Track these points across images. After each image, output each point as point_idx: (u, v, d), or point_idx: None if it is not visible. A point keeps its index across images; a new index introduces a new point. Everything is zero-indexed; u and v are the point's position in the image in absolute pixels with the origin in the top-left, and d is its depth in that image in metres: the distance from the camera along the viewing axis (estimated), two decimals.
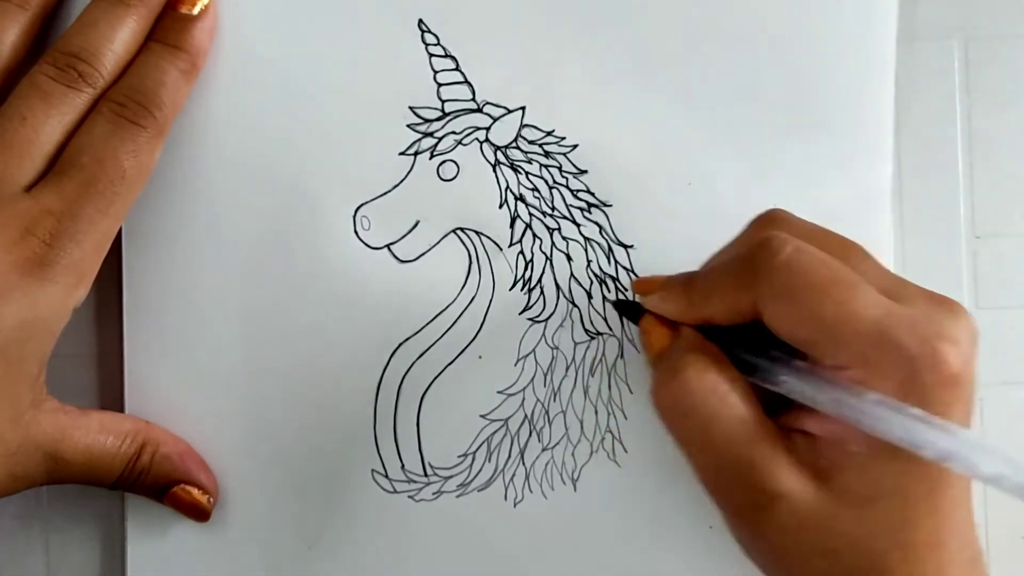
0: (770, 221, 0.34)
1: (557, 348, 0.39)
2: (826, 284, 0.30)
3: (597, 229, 0.39)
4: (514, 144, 0.39)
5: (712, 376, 0.32)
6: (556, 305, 0.39)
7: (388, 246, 0.39)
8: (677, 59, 0.39)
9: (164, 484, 0.37)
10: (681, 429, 0.33)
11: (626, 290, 0.39)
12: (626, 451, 0.39)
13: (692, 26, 0.39)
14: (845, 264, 0.32)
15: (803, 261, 0.31)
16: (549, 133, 0.39)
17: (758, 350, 0.33)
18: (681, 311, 0.34)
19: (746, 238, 0.34)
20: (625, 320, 0.39)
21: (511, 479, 0.39)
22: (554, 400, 0.39)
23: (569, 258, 0.39)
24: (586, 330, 0.39)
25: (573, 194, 0.39)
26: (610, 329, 0.39)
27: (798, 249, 0.31)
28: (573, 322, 0.39)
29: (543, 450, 0.39)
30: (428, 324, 0.39)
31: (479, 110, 0.39)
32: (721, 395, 0.32)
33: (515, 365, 0.39)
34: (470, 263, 0.39)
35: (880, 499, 0.30)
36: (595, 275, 0.39)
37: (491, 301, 0.39)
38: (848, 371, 0.30)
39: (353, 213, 0.38)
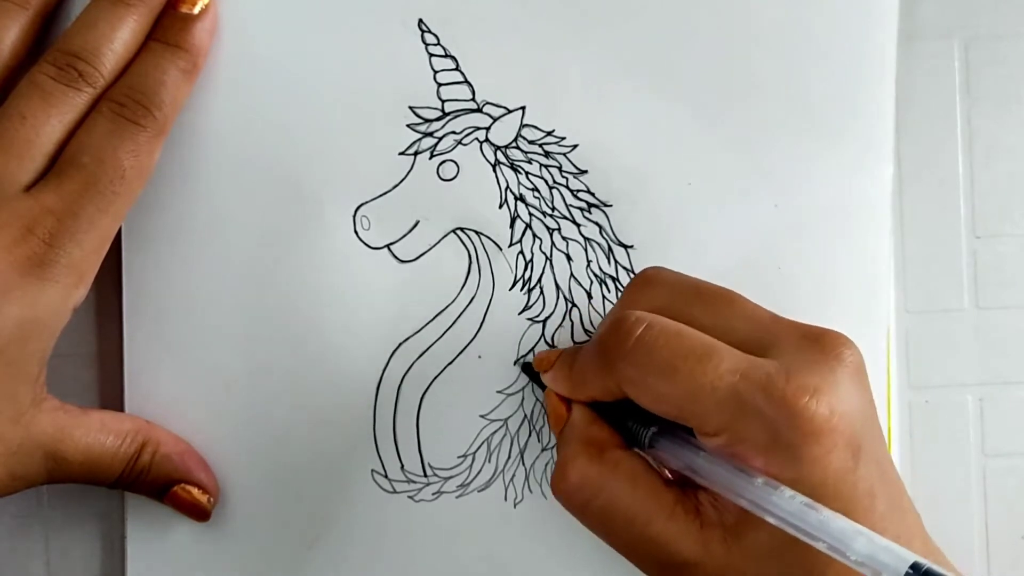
0: (644, 282, 0.35)
1: (557, 348, 0.39)
2: (678, 360, 0.31)
3: (597, 229, 0.39)
4: (514, 144, 0.39)
5: (597, 468, 0.33)
6: (556, 305, 0.39)
7: (388, 246, 0.39)
8: (678, 59, 0.39)
9: (164, 484, 0.37)
10: (583, 519, 0.33)
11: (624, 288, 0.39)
12: None
13: (692, 26, 0.39)
14: (713, 316, 0.32)
15: (655, 340, 0.31)
16: (549, 133, 0.39)
17: (648, 420, 0.33)
18: (569, 390, 0.35)
19: (612, 311, 0.34)
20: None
21: (511, 479, 0.39)
22: None
23: (569, 258, 0.39)
24: (586, 330, 0.39)
25: (573, 194, 0.39)
26: None
27: (649, 327, 0.31)
28: (573, 322, 0.39)
29: (543, 450, 0.39)
30: (428, 324, 0.39)
31: (479, 110, 0.39)
32: (611, 486, 0.32)
33: (515, 365, 0.39)
34: (470, 263, 0.39)
35: (787, 548, 0.30)
36: (595, 275, 0.39)
37: (491, 301, 0.39)
38: (718, 437, 0.31)
39: (353, 213, 0.38)
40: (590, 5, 0.39)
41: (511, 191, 0.39)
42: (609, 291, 0.39)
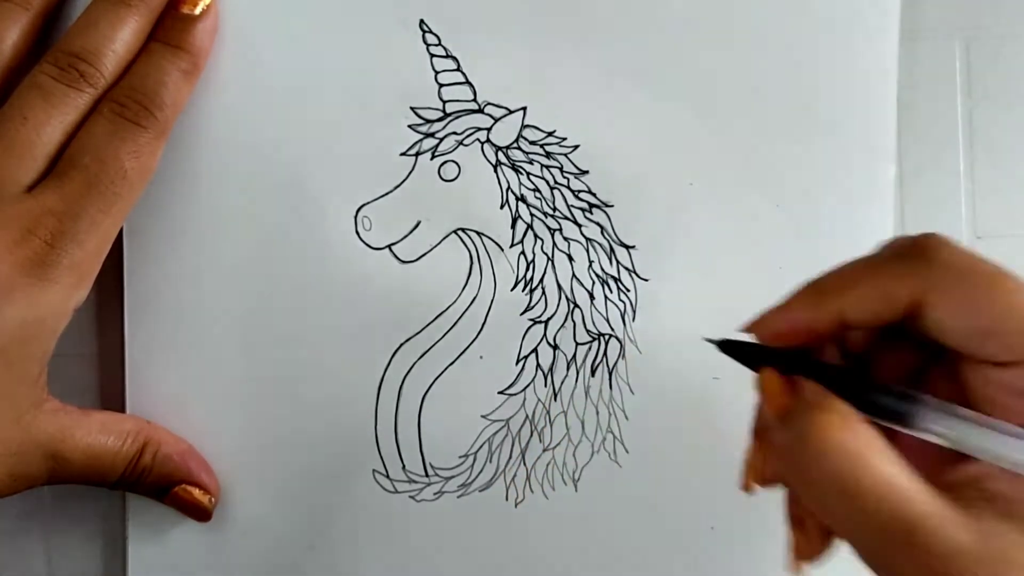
0: (926, 239, 0.31)
1: (558, 348, 0.39)
2: (996, 276, 0.29)
3: (599, 229, 0.39)
4: (515, 144, 0.39)
5: (846, 436, 0.28)
6: (558, 306, 0.39)
7: (389, 246, 0.39)
8: (679, 59, 0.39)
9: (165, 484, 0.37)
10: (817, 495, 0.29)
11: (628, 291, 0.39)
12: (627, 451, 0.39)
13: (694, 26, 0.39)
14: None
15: (970, 255, 0.30)
16: (550, 133, 0.39)
17: (884, 391, 0.29)
18: (807, 313, 0.31)
19: (893, 243, 0.32)
20: (636, 318, 0.39)
21: (512, 479, 0.39)
22: (555, 400, 0.39)
23: (571, 258, 0.39)
24: (587, 331, 0.39)
25: (574, 194, 0.39)
26: (612, 330, 0.39)
27: (961, 245, 0.30)
28: (575, 323, 0.39)
29: (544, 450, 0.40)
30: (429, 324, 0.39)
31: (480, 111, 0.39)
32: (865, 457, 0.28)
33: (516, 365, 0.39)
34: (471, 263, 0.39)
35: None
36: (597, 275, 0.39)
37: (492, 301, 0.39)
38: (1012, 369, 0.28)
39: (354, 213, 0.38)
40: (591, 5, 0.39)
41: (512, 191, 0.39)
42: (611, 291, 0.39)
